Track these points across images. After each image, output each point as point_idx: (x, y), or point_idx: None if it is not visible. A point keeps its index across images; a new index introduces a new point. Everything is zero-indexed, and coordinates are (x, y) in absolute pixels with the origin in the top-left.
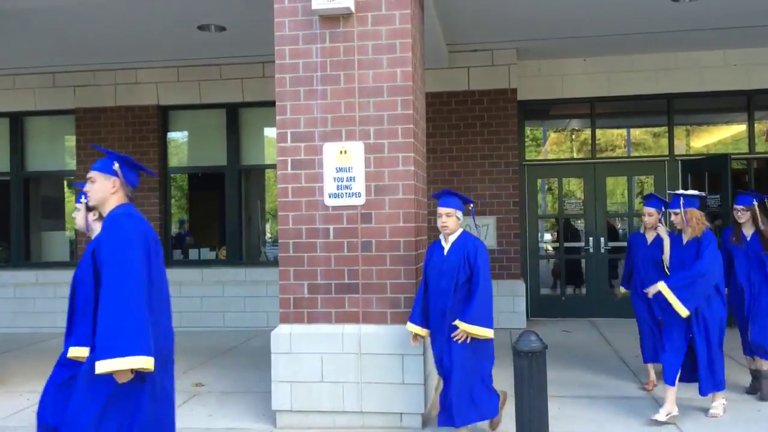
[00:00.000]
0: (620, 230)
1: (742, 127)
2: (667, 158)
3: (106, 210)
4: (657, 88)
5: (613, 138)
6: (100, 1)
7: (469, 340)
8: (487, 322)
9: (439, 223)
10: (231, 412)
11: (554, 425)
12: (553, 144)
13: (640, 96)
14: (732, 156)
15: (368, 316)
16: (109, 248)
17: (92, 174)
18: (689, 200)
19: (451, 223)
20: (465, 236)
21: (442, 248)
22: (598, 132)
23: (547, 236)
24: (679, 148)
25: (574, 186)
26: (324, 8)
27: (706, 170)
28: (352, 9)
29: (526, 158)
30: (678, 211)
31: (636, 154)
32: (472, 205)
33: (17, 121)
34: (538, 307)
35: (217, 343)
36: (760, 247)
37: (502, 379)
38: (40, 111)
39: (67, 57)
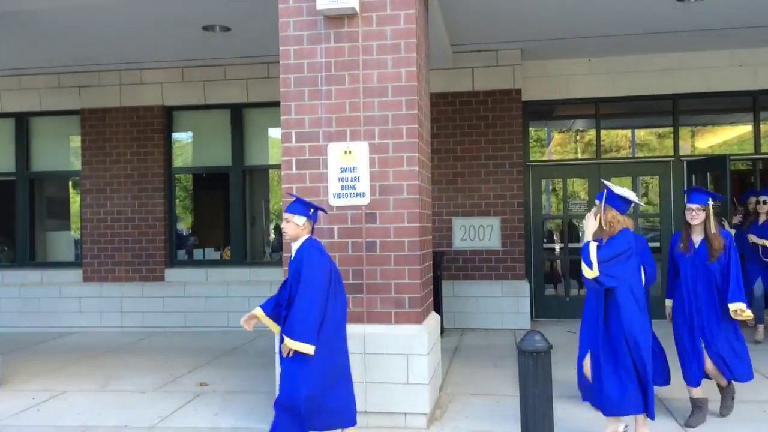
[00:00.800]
0: None
1: (747, 128)
2: (672, 159)
3: None
4: (662, 89)
5: (618, 138)
6: (105, 2)
7: (291, 353)
8: (297, 335)
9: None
10: (236, 411)
11: (559, 425)
12: (558, 144)
13: (645, 96)
14: (737, 157)
15: (372, 316)
16: None
17: None
18: (612, 198)
19: (289, 229)
20: (307, 243)
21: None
22: (603, 132)
23: (551, 237)
24: (684, 149)
25: (579, 187)
26: (329, 8)
27: (708, 171)
28: (357, 9)
29: (531, 159)
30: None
31: (641, 154)
32: (312, 210)
33: (22, 121)
34: (543, 308)
35: (222, 342)
36: (707, 255)
37: (507, 380)
38: (46, 111)
39: (72, 58)
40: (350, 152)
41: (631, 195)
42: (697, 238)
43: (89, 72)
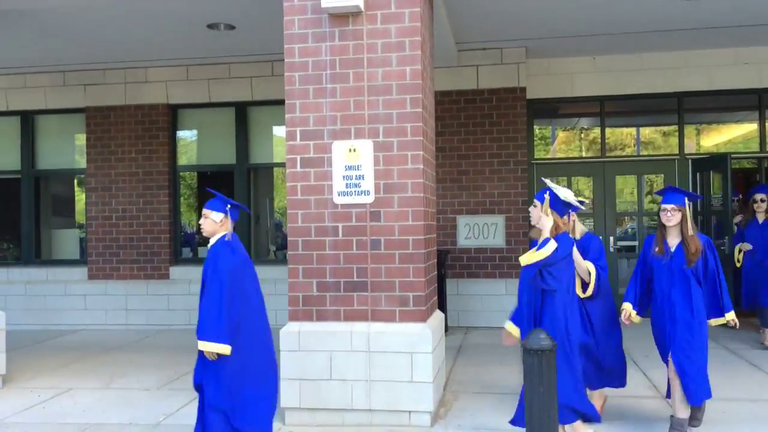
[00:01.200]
0: (629, 229)
1: (753, 126)
2: (677, 157)
3: None
4: (667, 87)
5: (623, 137)
6: (110, 1)
7: (211, 357)
8: (206, 334)
9: None
10: None
11: None
12: (562, 143)
13: (650, 95)
14: (742, 155)
15: (377, 314)
16: None
17: None
18: (553, 201)
19: (206, 225)
20: (220, 241)
21: None
22: (608, 131)
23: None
24: (689, 147)
25: (583, 185)
26: (333, 6)
27: (711, 170)
28: (362, 7)
29: (535, 157)
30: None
31: (645, 153)
32: (230, 206)
33: (28, 119)
34: None
35: None
36: (684, 260)
37: (511, 379)
38: (51, 109)
39: (77, 56)
40: (355, 150)
41: (570, 198)
42: (673, 241)
43: (94, 70)
